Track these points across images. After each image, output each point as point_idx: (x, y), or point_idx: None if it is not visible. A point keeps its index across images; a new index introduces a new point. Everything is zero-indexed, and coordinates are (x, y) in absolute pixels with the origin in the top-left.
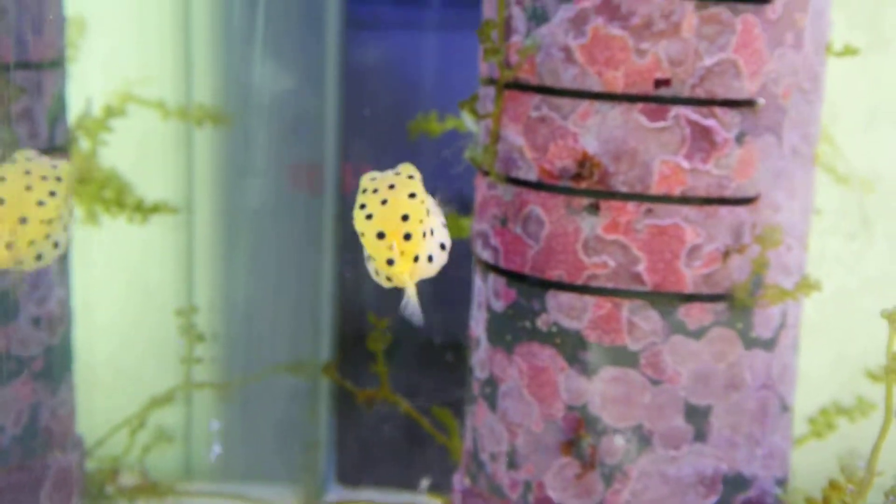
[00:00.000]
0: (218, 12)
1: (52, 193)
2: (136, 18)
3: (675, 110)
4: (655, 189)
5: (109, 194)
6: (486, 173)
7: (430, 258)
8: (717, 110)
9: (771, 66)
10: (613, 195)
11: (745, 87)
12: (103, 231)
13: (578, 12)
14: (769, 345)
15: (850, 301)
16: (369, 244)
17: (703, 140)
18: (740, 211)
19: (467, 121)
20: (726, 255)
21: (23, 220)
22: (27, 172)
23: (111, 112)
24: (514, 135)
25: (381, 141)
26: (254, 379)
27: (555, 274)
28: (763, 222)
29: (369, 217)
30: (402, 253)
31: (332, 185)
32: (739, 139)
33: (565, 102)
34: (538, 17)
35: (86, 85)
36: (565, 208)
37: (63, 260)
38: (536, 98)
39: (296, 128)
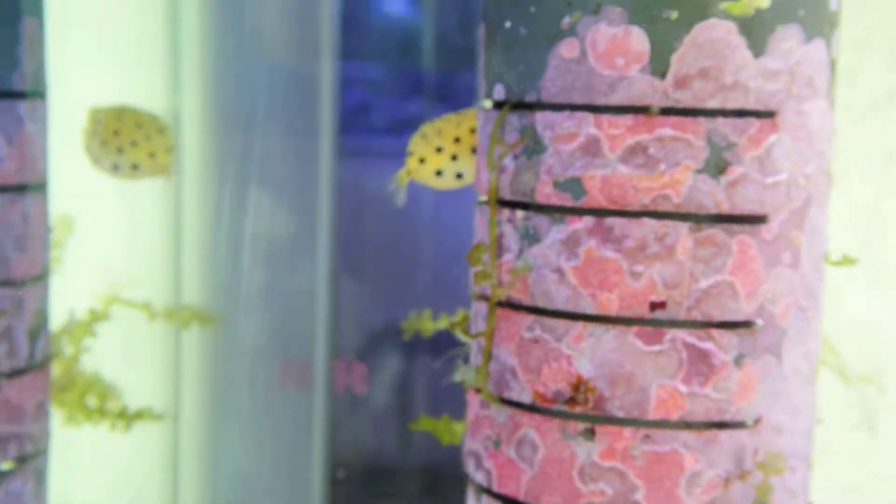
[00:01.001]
0: (208, 210)
1: None
2: (125, 217)
3: (672, 333)
4: (653, 414)
5: (92, 400)
6: (479, 391)
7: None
8: (715, 333)
9: (768, 287)
10: (610, 420)
11: (742, 309)
12: (86, 433)
13: (571, 234)
14: None
15: (859, 496)
16: None
17: (701, 363)
18: (741, 435)
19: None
20: (728, 481)
21: None
22: None
23: (95, 316)
24: (506, 355)
25: (376, 334)
26: None
27: (550, 501)
28: (765, 446)
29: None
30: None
31: (322, 382)
32: (738, 362)
33: (559, 324)
34: (530, 237)
35: (71, 286)
36: (560, 433)
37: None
38: (529, 318)
39: (286, 323)
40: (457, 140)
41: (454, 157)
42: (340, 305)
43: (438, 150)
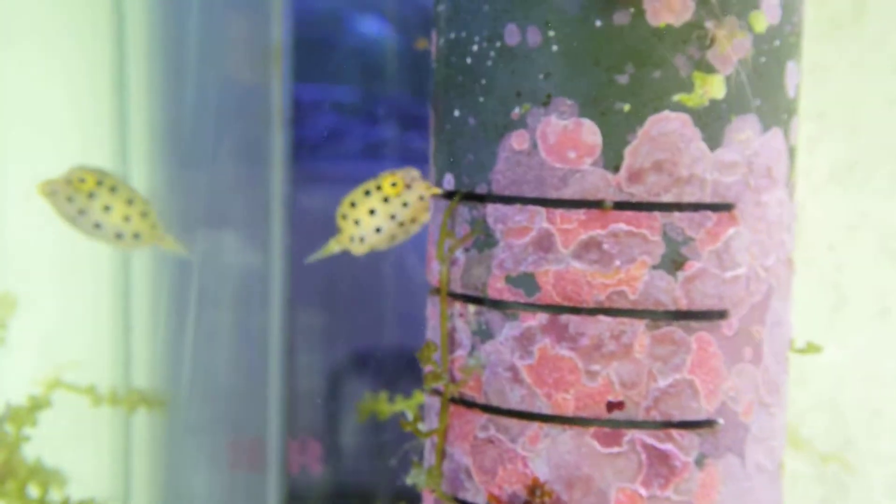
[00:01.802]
0: (156, 288)
1: None
2: (72, 296)
3: (630, 434)
4: None
5: (34, 489)
6: (433, 490)
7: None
8: (675, 433)
9: (729, 384)
10: None
11: (702, 408)
12: None
13: (524, 331)
14: None
15: None
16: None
17: (661, 465)
18: None
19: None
20: None
21: None
22: None
23: (36, 403)
24: (460, 454)
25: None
26: None
27: None
28: None
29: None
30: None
31: (275, 462)
32: (699, 462)
33: (513, 424)
34: (483, 333)
35: (13, 367)
36: None
37: None
38: (483, 417)
39: (236, 399)
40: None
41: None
42: (296, 377)
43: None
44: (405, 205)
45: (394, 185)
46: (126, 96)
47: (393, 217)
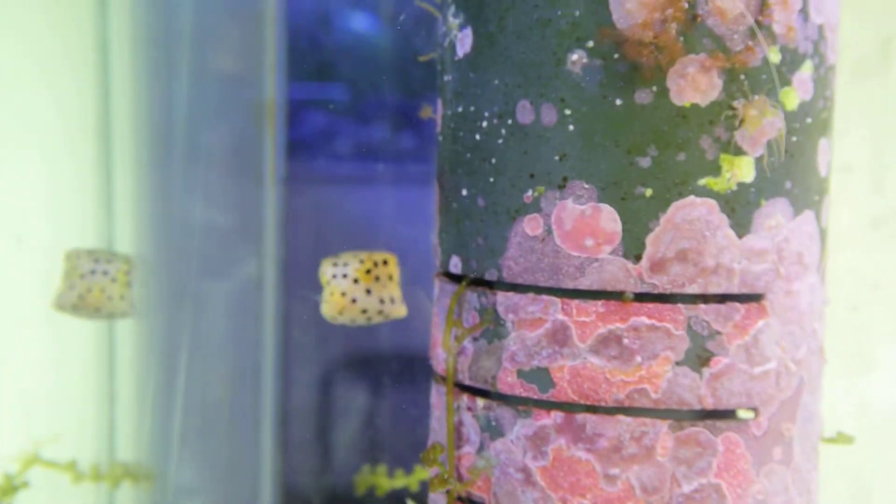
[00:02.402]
0: (142, 347)
1: None
2: (51, 359)
3: None
4: None
5: None
6: None
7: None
8: None
9: (758, 487)
10: None
11: None
12: None
13: (538, 430)
14: None
15: None
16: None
17: None
18: None
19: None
20: None
21: None
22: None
23: (11, 484)
24: None
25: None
26: None
27: None
28: None
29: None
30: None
31: None
32: None
33: None
34: (492, 430)
35: None
36: None
37: None
38: None
39: (228, 469)
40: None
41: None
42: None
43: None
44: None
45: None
46: (111, 95)
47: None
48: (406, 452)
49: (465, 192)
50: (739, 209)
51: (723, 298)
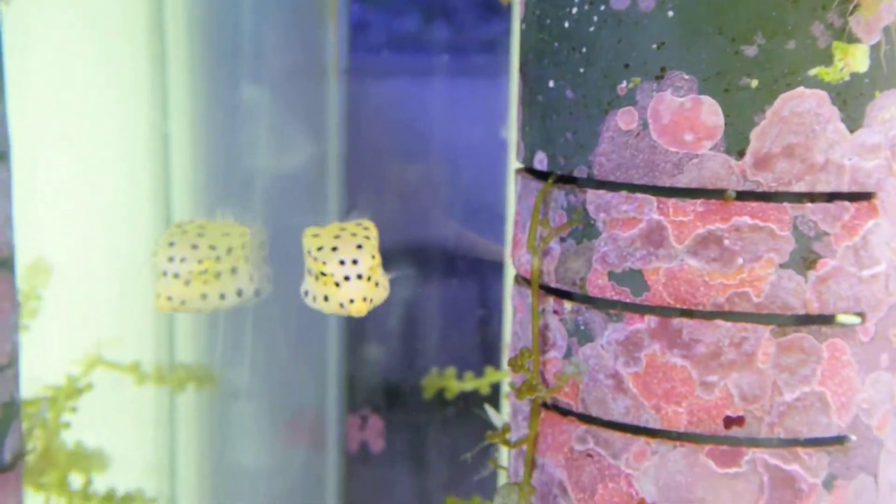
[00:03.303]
0: None
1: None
2: (110, 263)
3: (751, 453)
4: None
5: (76, 477)
6: None
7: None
8: (801, 452)
9: (864, 396)
10: None
11: (833, 423)
12: None
13: (630, 335)
14: None
15: None
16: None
17: (786, 488)
18: None
19: (492, 415)
20: None
21: None
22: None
23: (75, 385)
24: (553, 466)
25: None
26: None
27: None
28: None
29: (322, 248)
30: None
31: (334, 439)
32: (828, 484)
33: (616, 438)
34: (581, 335)
35: (51, 344)
36: None
37: None
38: (580, 428)
39: (293, 376)
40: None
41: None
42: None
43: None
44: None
45: None
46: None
47: None
48: (473, 355)
49: (551, 84)
50: (851, 101)
51: (831, 197)
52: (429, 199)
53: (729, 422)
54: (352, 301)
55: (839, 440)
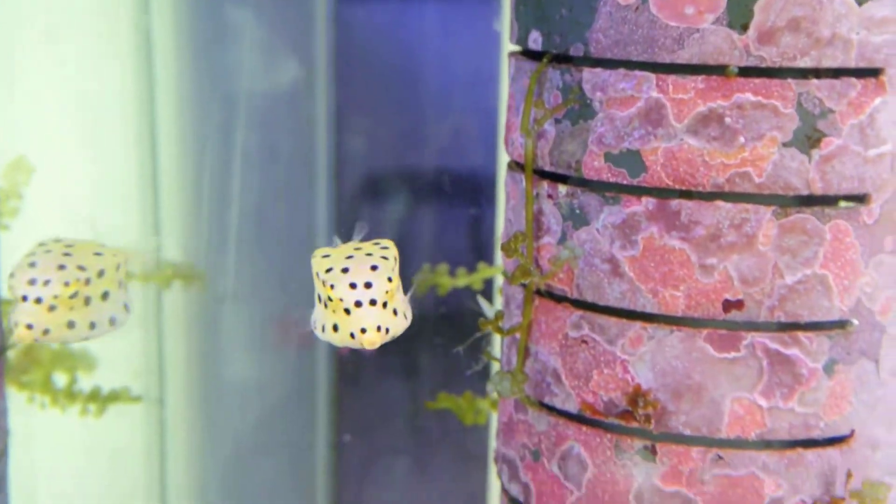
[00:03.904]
0: (187, 144)
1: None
2: (94, 160)
3: (750, 338)
4: (726, 432)
5: (60, 376)
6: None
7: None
8: (802, 336)
9: (867, 279)
10: (674, 438)
11: (835, 307)
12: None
13: (627, 218)
14: None
15: None
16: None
17: (785, 373)
18: (831, 454)
19: (485, 307)
20: None
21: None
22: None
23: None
24: (547, 354)
25: None
26: None
27: None
28: (859, 465)
29: (331, 269)
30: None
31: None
32: (829, 369)
33: (611, 323)
34: (576, 219)
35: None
36: (613, 450)
37: None
38: (575, 314)
39: (282, 275)
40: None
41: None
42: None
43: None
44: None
45: None
46: None
47: None
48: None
49: None
50: None
51: (837, 73)
52: (419, 120)
53: (728, 305)
54: (363, 331)
55: (841, 324)
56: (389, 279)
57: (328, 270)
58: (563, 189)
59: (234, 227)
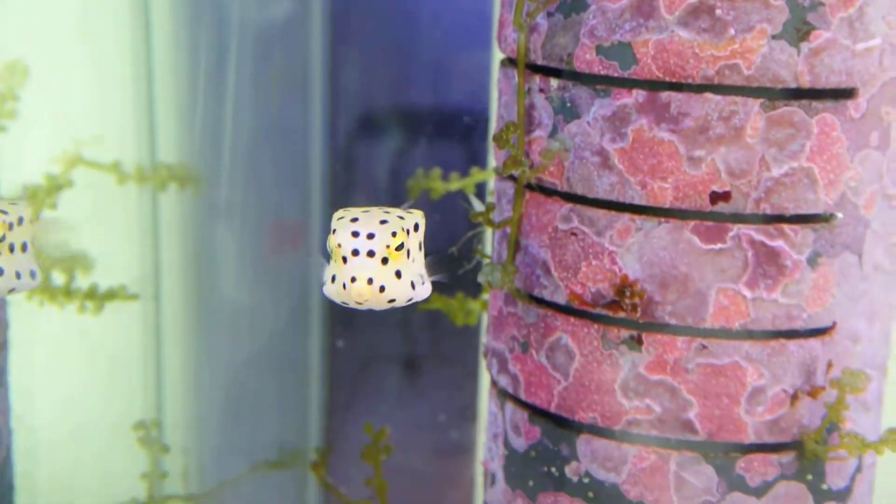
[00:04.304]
0: (182, 54)
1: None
2: (88, 61)
3: (736, 229)
4: (711, 322)
5: (59, 276)
6: (504, 287)
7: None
8: (787, 229)
9: (852, 174)
10: (660, 328)
11: (820, 200)
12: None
13: (617, 110)
14: (844, 495)
15: None
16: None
17: (770, 264)
18: (813, 345)
19: (476, 204)
20: (795, 398)
21: None
22: None
23: (55, 183)
24: (537, 247)
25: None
26: (232, 483)
27: (587, 416)
28: (839, 356)
29: (342, 218)
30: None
31: (319, 243)
32: (813, 262)
33: (600, 215)
34: (567, 112)
35: (29, 145)
36: (600, 340)
37: None
38: (565, 207)
39: (277, 179)
40: None
41: None
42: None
43: None
44: None
45: None
46: None
47: None
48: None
49: None
50: None
51: None
52: (414, 54)
53: (715, 197)
54: (353, 280)
55: (825, 217)
56: (400, 241)
57: (340, 219)
58: (554, 83)
59: (229, 128)
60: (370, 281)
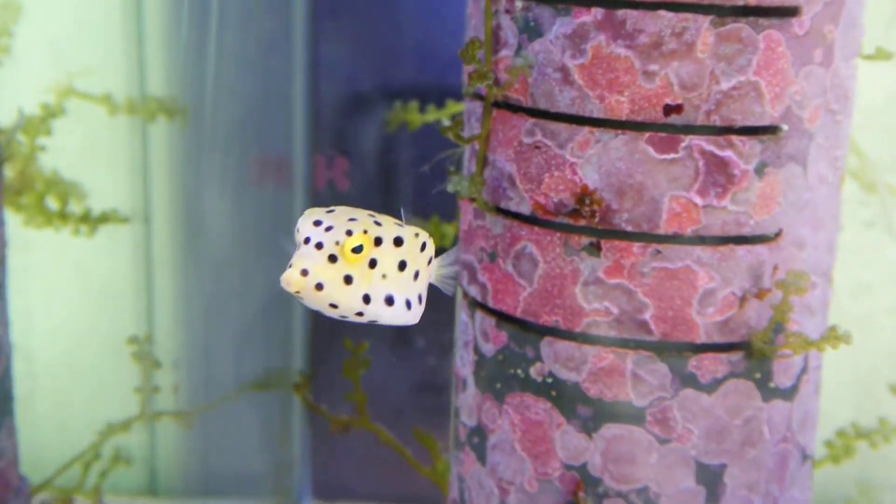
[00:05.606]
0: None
1: None
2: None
3: (688, 140)
4: (664, 228)
5: (53, 202)
6: (473, 199)
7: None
8: (735, 140)
9: (796, 88)
10: (617, 234)
11: (766, 113)
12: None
13: (577, 27)
14: (790, 394)
15: (868, 296)
16: None
17: (719, 173)
18: (760, 250)
19: (445, 122)
20: (743, 300)
21: None
22: None
23: (49, 112)
24: (503, 161)
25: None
26: (220, 402)
27: (550, 319)
28: (785, 261)
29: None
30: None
31: (301, 178)
32: (760, 171)
33: (562, 129)
34: (531, 31)
35: (22, 79)
36: (562, 247)
37: None
38: (529, 122)
39: (261, 115)
40: None
41: None
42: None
43: None
44: None
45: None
46: None
47: None
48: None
49: None
50: None
51: None
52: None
53: (668, 109)
54: (290, 266)
55: (771, 129)
56: (349, 233)
57: (315, 210)
58: (519, 3)
59: (213, 61)
60: (304, 272)
